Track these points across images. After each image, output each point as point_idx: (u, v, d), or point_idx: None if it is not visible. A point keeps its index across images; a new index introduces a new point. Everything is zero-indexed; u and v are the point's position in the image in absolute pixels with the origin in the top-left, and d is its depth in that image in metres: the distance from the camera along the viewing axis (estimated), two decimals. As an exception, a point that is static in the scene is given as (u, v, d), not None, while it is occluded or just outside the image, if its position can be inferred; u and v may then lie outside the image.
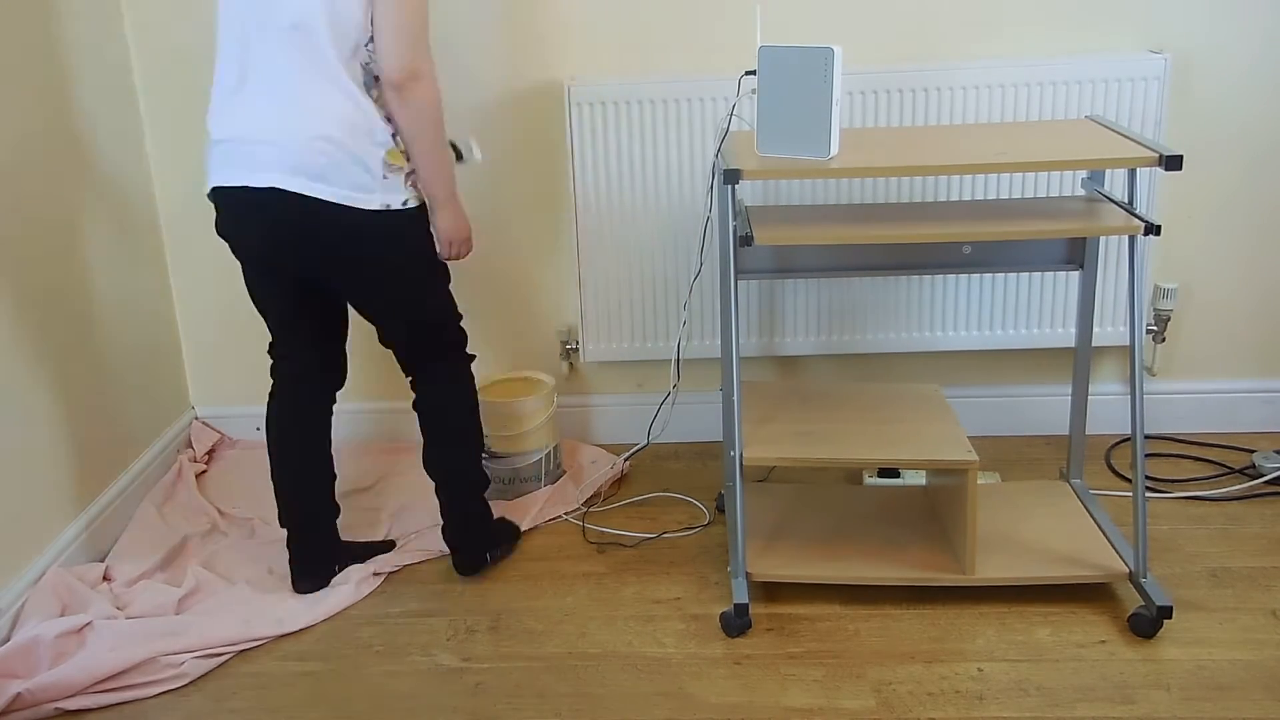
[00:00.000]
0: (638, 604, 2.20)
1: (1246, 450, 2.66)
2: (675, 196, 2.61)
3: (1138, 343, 2.01)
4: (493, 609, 2.22)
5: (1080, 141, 2.01)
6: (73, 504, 2.35)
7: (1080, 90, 2.49)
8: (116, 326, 2.53)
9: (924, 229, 1.99)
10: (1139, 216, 1.99)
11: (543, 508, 2.54)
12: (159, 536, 2.45)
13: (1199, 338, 2.73)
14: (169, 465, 2.72)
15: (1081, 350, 2.31)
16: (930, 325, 2.68)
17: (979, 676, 1.95)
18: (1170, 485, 2.54)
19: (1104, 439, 2.76)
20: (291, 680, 2.03)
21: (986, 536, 2.21)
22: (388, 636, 2.14)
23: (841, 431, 2.17)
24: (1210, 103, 2.55)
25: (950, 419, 2.20)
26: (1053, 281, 2.63)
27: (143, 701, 1.98)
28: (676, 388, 2.82)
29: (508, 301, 2.79)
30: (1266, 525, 2.37)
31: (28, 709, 1.92)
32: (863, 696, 1.91)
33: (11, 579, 2.13)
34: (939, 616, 2.11)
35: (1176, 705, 1.85)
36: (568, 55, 2.59)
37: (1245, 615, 2.08)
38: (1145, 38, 2.53)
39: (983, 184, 2.57)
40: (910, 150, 2.02)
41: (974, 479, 2.04)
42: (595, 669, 2.02)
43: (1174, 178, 2.58)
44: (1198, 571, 2.22)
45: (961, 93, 2.50)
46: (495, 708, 1.93)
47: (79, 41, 2.41)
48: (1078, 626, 2.06)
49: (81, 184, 2.41)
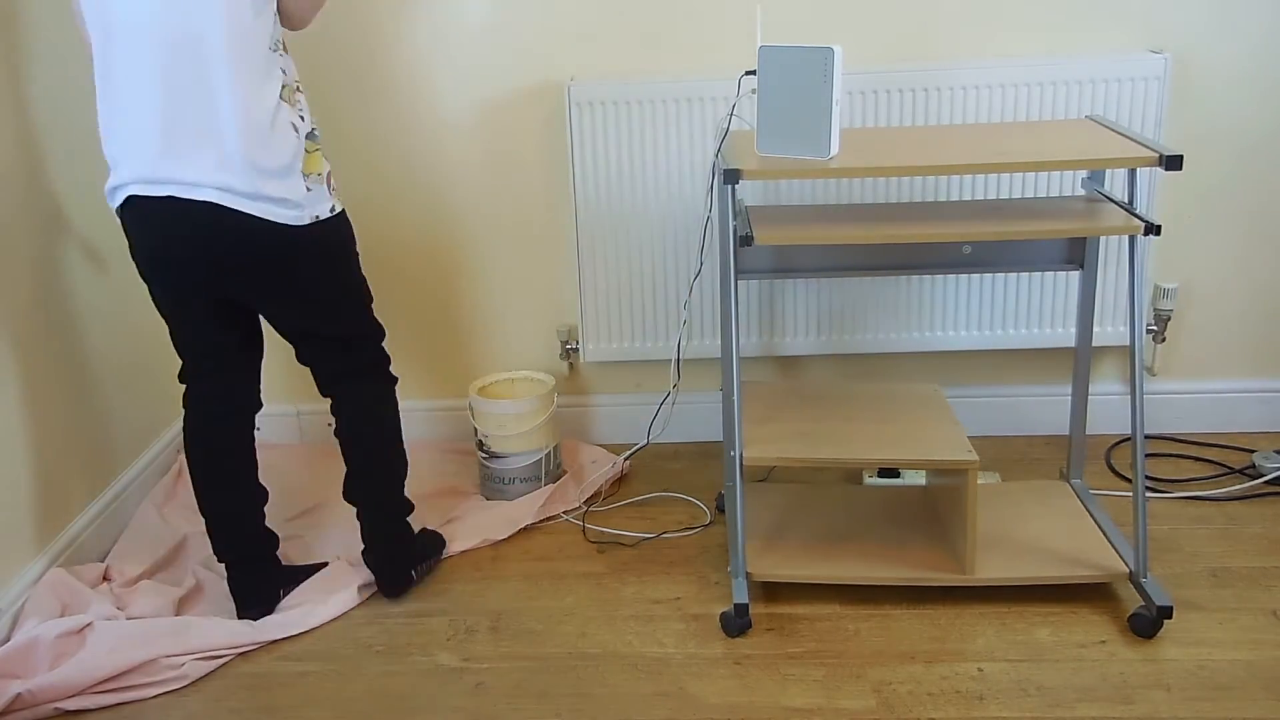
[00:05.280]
0: (638, 604, 2.20)
1: (1246, 450, 2.66)
2: (675, 196, 2.61)
3: (1138, 343, 2.01)
4: (493, 609, 2.22)
5: (1080, 141, 2.01)
6: (72, 504, 2.35)
7: (1080, 90, 2.49)
8: (117, 326, 2.53)
9: (924, 229, 1.99)
10: (1139, 216, 1.99)
11: (543, 507, 2.53)
12: (159, 536, 2.44)
13: (1199, 338, 2.73)
14: (169, 465, 2.72)
15: (1081, 350, 2.31)
16: (930, 325, 2.68)
17: (979, 676, 1.95)
18: (1170, 485, 2.54)
19: (1104, 439, 2.76)
20: (291, 680, 2.03)
21: (986, 536, 2.20)
22: (388, 636, 2.14)
23: (841, 431, 2.17)
24: (1210, 103, 2.55)
25: (950, 419, 2.20)
26: (1053, 281, 2.63)
27: (143, 702, 1.98)
28: (676, 388, 2.82)
29: (508, 301, 2.79)
30: (1266, 525, 2.37)
31: (27, 709, 1.92)
32: (863, 696, 1.91)
33: (11, 579, 2.13)
34: (939, 616, 2.11)
35: (1176, 705, 1.85)
36: (568, 55, 2.59)
37: (1245, 615, 2.08)
38: (1145, 38, 2.53)
39: (983, 184, 2.57)
40: (910, 150, 2.01)
41: (974, 479, 2.04)
42: (595, 669, 2.02)
43: (1174, 178, 2.58)
44: (1198, 571, 2.22)
45: (961, 93, 2.50)
46: (495, 708, 1.93)
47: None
48: (1078, 626, 2.06)
49: (82, 183, 2.41)
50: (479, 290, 2.79)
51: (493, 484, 2.61)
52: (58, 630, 2.02)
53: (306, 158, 1.92)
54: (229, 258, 1.93)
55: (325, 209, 1.96)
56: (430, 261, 2.77)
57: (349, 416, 2.16)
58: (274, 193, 1.89)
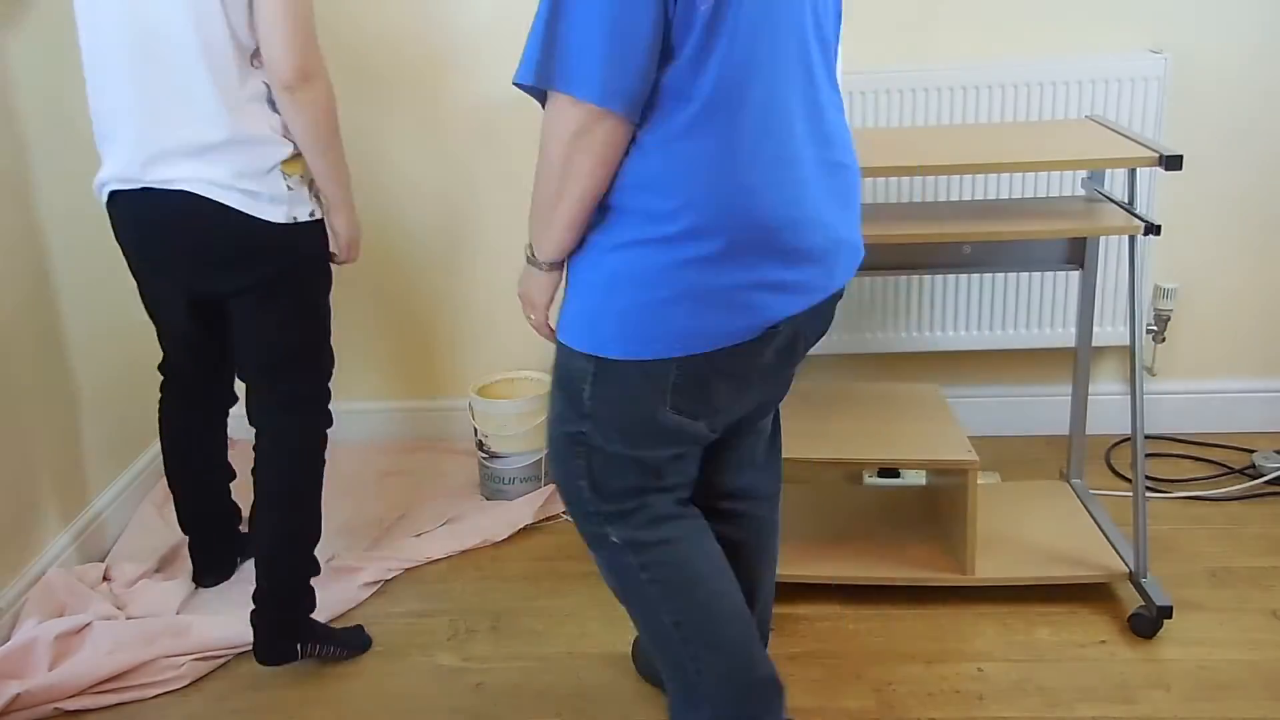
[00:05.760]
0: (638, 604, 2.20)
1: (1246, 450, 2.66)
2: (675, 196, 2.60)
3: (1138, 343, 2.01)
4: (493, 609, 2.22)
5: (1080, 141, 2.01)
6: (73, 504, 2.35)
7: (1080, 90, 2.49)
8: (116, 325, 2.53)
9: (924, 229, 1.99)
10: (1139, 216, 1.99)
11: (542, 507, 2.53)
12: (159, 536, 2.44)
13: (1199, 338, 2.73)
14: (169, 465, 2.72)
15: (1081, 350, 2.31)
16: (930, 325, 2.68)
17: (979, 676, 1.95)
18: (1170, 485, 2.54)
19: (1104, 439, 2.76)
20: (291, 680, 2.02)
21: (986, 536, 2.20)
22: (388, 636, 2.14)
23: (841, 431, 2.17)
24: (1210, 103, 2.55)
25: (950, 419, 2.20)
26: (1053, 281, 2.63)
27: (143, 702, 1.98)
28: (676, 388, 2.82)
29: (509, 302, 2.79)
30: (1266, 525, 2.37)
31: (26, 710, 1.92)
32: (863, 696, 1.91)
33: (11, 579, 2.13)
34: (939, 616, 2.11)
35: (1176, 705, 1.85)
36: (568, 55, 2.59)
37: (1245, 615, 2.08)
38: (1145, 38, 2.52)
39: (983, 184, 2.57)
40: (910, 150, 2.01)
41: (974, 479, 2.04)
42: (595, 669, 2.02)
43: (1174, 177, 2.58)
44: (1198, 571, 2.22)
45: (961, 93, 2.50)
46: (495, 708, 1.93)
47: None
48: (1078, 626, 2.06)
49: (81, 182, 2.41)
50: (479, 290, 2.79)
51: (493, 484, 2.61)
52: (58, 630, 2.02)
53: (290, 160, 1.88)
54: (204, 249, 1.90)
55: (305, 212, 1.90)
56: (431, 260, 2.77)
57: (270, 452, 2.00)
58: (252, 187, 1.84)
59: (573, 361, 1.46)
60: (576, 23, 1.28)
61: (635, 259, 1.37)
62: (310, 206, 1.92)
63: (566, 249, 1.44)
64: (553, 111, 1.33)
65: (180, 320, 2.06)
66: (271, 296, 1.94)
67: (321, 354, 2.05)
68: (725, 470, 1.66)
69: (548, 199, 1.38)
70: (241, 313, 1.97)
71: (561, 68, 1.30)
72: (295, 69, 1.79)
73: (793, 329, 1.45)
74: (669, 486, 1.55)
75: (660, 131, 1.34)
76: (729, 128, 1.33)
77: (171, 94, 1.81)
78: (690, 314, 1.37)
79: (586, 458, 1.51)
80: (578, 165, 1.34)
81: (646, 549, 1.54)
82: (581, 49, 1.29)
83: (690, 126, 1.33)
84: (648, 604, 1.57)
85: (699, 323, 1.38)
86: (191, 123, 1.82)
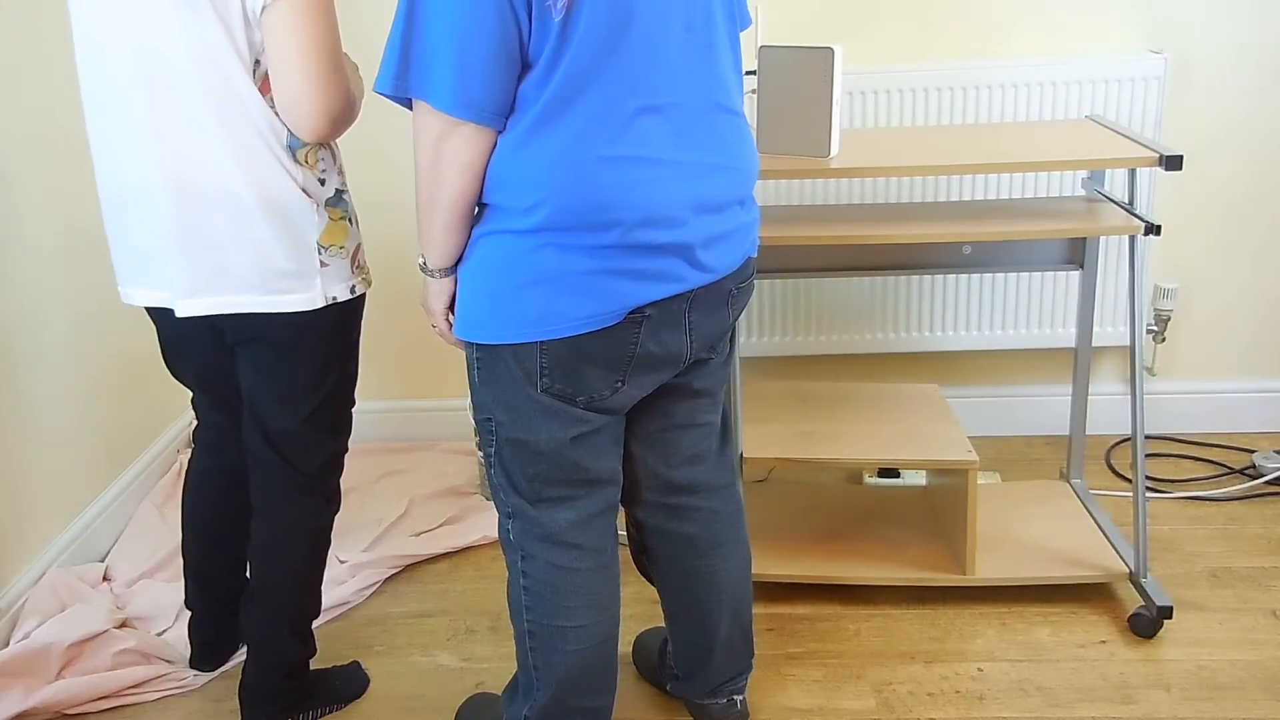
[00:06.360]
0: (638, 604, 2.20)
1: (1246, 450, 2.66)
2: (675, 196, 2.60)
3: (1138, 343, 2.01)
4: (493, 609, 2.22)
5: (1080, 141, 2.01)
6: (73, 504, 2.35)
7: (1080, 90, 2.49)
8: (115, 325, 2.53)
9: (924, 229, 1.99)
10: (1139, 216, 1.99)
11: (543, 508, 2.53)
12: (159, 536, 2.44)
13: (1199, 338, 2.73)
14: (169, 465, 2.72)
15: (1081, 350, 2.31)
16: (930, 325, 2.68)
17: (979, 676, 1.95)
18: (1170, 485, 2.54)
19: (1104, 439, 2.76)
20: (291, 680, 2.02)
21: (986, 536, 2.20)
22: (388, 636, 2.14)
23: (841, 431, 2.17)
24: (1210, 103, 2.55)
25: (950, 419, 2.20)
26: (1053, 281, 2.63)
27: (143, 703, 1.98)
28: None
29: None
30: (1266, 525, 2.37)
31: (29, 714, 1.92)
32: (863, 696, 1.91)
33: (11, 579, 2.13)
34: (939, 616, 2.11)
35: (1176, 705, 1.85)
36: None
37: (1245, 615, 2.08)
38: (1145, 38, 2.53)
39: (983, 184, 2.57)
40: (910, 150, 2.01)
41: (974, 479, 2.04)
42: (595, 669, 2.02)
43: (1174, 178, 2.58)
44: (1198, 571, 2.22)
45: (961, 93, 2.50)
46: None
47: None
48: (1078, 626, 2.06)
49: (81, 181, 2.41)
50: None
51: (493, 484, 2.61)
52: (72, 638, 2.00)
53: (328, 227, 1.65)
54: (230, 343, 1.74)
55: (344, 290, 1.69)
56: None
57: (270, 527, 1.81)
58: (281, 286, 1.64)
59: (467, 351, 1.53)
60: (429, 33, 1.32)
61: (499, 245, 1.42)
62: (350, 282, 1.70)
63: (451, 253, 1.48)
64: (416, 119, 1.38)
65: (210, 365, 1.86)
66: (291, 362, 1.74)
67: (342, 423, 1.88)
68: (669, 465, 1.68)
69: (424, 205, 1.44)
70: (254, 369, 1.77)
71: (417, 78, 1.35)
72: (329, 121, 1.56)
73: (670, 315, 1.47)
74: (582, 480, 1.55)
75: (513, 133, 1.38)
76: (565, 129, 1.37)
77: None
78: (547, 297, 1.41)
79: (495, 445, 1.56)
80: (443, 171, 1.39)
81: (531, 560, 1.59)
82: (435, 59, 1.33)
83: (534, 128, 1.37)
84: (516, 599, 1.63)
85: (556, 306, 1.41)
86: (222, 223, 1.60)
